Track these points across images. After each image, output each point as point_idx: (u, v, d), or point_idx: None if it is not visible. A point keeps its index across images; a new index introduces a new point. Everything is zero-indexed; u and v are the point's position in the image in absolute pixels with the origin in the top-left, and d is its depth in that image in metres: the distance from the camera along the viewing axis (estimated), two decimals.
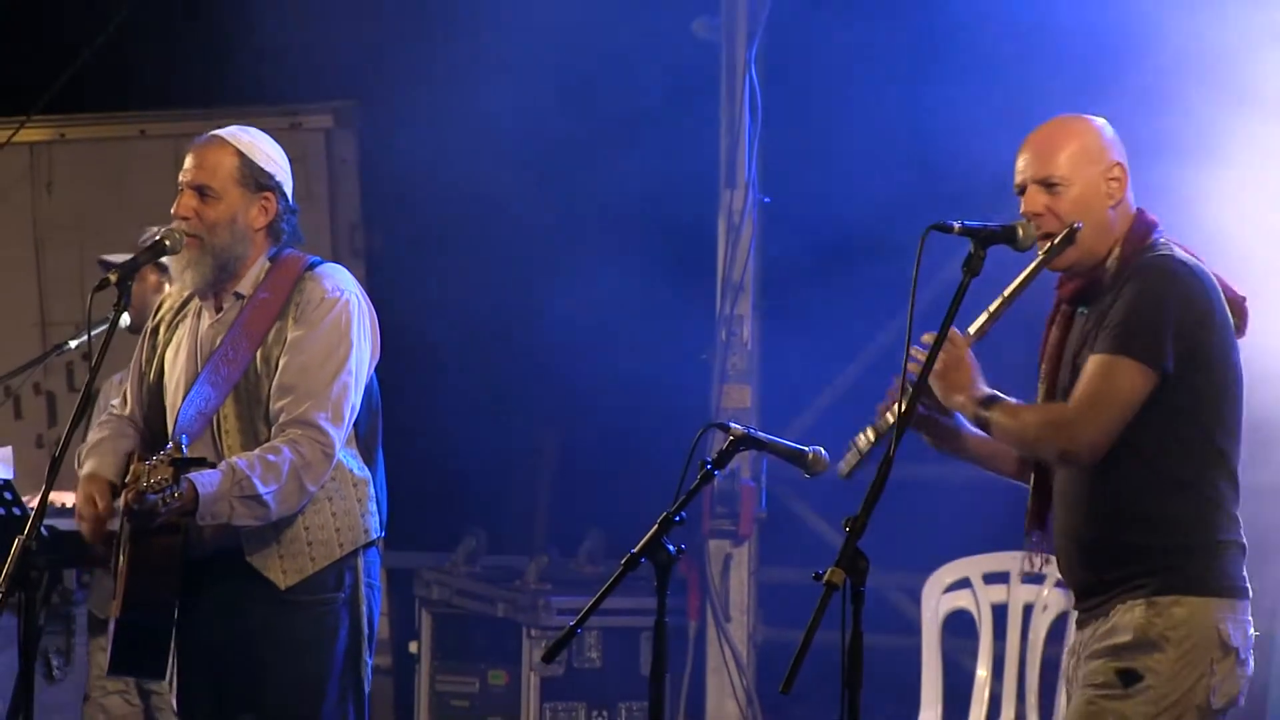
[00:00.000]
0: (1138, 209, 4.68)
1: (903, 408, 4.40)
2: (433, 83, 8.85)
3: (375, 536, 5.31)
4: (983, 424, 4.64)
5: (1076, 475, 4.64)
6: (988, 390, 4.64)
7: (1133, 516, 4.57)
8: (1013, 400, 4.64)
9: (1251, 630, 4.59)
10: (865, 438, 4.69)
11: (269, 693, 5.24)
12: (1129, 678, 4.50)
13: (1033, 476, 4.77)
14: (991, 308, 4.61)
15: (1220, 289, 4.62)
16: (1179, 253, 4.62)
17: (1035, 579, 7.00)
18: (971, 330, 4.62)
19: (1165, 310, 4.53)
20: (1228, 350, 4.60)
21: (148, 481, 4.86)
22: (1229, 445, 4.60)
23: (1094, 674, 4.56)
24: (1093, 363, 4.55)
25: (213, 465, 5.06)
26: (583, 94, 8.68)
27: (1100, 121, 4.72)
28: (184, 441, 4.96)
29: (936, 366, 4.59)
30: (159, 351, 5.40)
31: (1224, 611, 4.53)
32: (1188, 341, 4.53)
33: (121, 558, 5.18)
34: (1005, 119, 7.50)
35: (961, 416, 4.71)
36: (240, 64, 9.12)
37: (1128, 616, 4.54)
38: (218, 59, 9.15)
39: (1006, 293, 4.60)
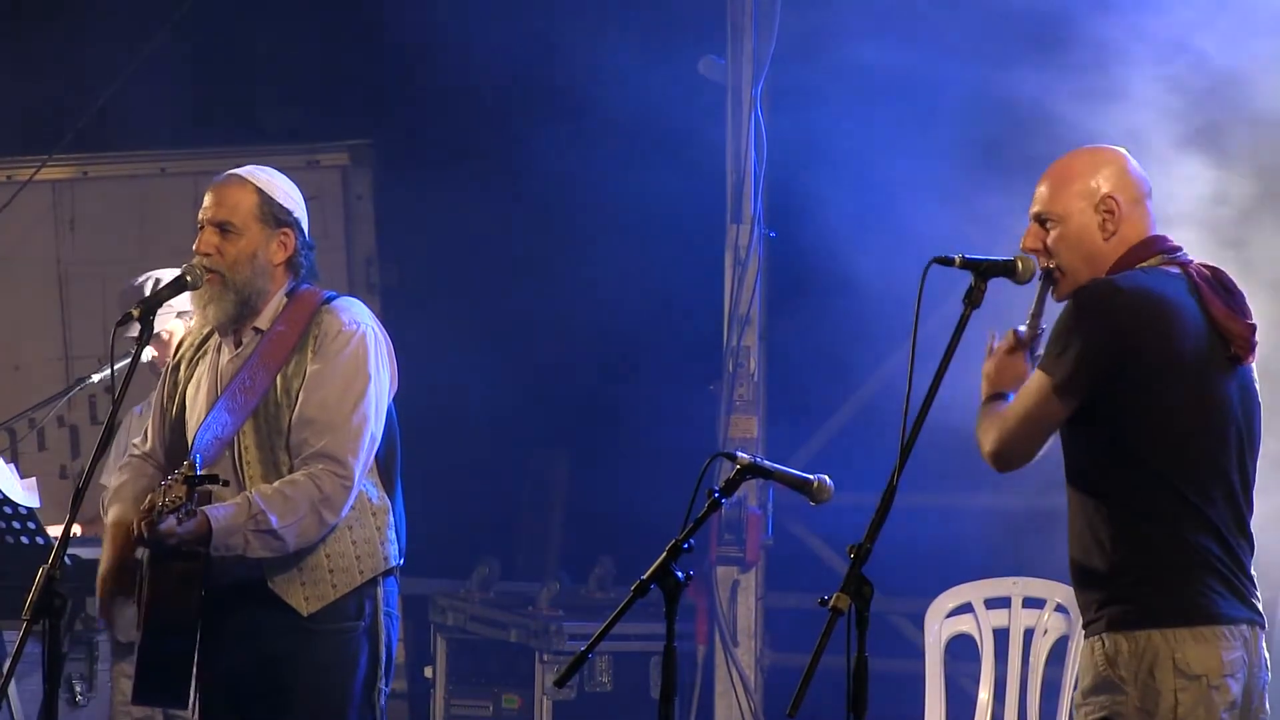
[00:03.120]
0: (1151, 235, 4.67)
1: (905, 437, 4.37)
2: (445, 122, 8.93)
3: (394, 564, 5.33)
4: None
5: (1070, 498, 4.65)
6: (1007, 393, 4.66)
7: (1095, 543, 4.55)
8: (999, 404, 4.65)
9: (1234, 654, 4.50)
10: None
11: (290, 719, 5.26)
12: None
13: None
14: (1029, 322, 4.67)
15: (1201, 314, 4.57)
16: (1127, 276, 4.57)
17: (1036, 603, 7.02)
18: (1026, 335, 4.67)
19: (1078, 330, 4.50)
20: (1175, 379, 4.53)
21: (162, 501, 4.90)
22: (1187, 476, 4.52)
23: None
24: (1030, 379, 4.60)
25: (226, 482, 5.07)
26: (591, 129, 8.74)
27: (1114, 153, 4.73)
28: (198, 462, 4.97)
29: (993, 358, 4.68)
30: (180, 388, 5.43)
31: (1182, 640, 4.48)
32: (1107, 366, 4.50)
33: (144, 585, 5.20)
34: (1011, 152, 7.62)
35: None
36: (259, 104, 9.20)
37: (1089, 656, 4.56)
38: (237, 99, 9.23)
39: (1032, 311, 4.68)
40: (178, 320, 6.63)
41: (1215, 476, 4.58)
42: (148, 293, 6.55)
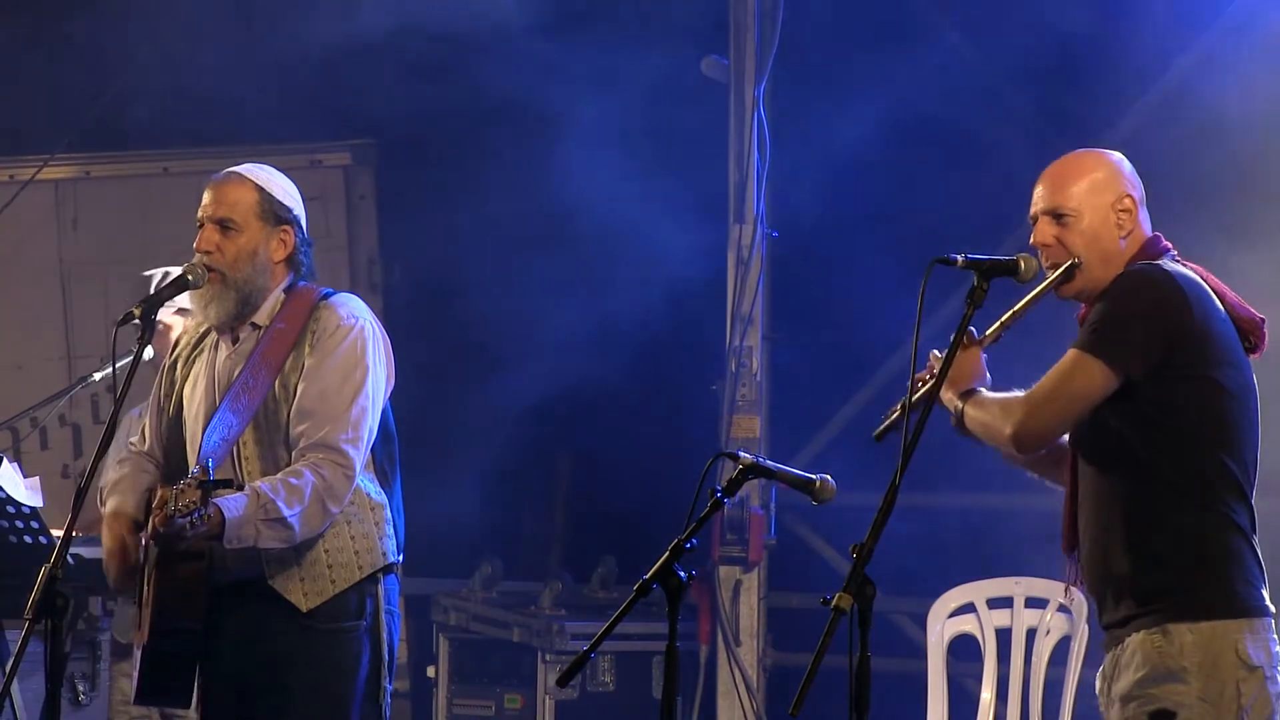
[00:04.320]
0: (1153, 235, 4.72)
1: (907, 437, 4.38)
2: (447, 122, 8.93)
3: (393, 560, 5.34)
4: (959, 417, 4.67)
5: (1096, 485, 4.64)
6: (976, 387, 4.67)
7: (1143, 532, 4.56)
8: (989, 393, 4.67)
9: (1277, 648, 4.56)
10: (896, 409, 4.72)
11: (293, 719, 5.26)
12: (1162, 718, 4.51)
13: (1066, 490, 4.76)
14: (1003, 318, 4.68)
15: (1221, 306, 4.63)
16: (1170, 265, 4.65)
17: (1038, 603, 7.02)
18: (988, 334, 4.70)
19: (1134, 312, 4.55)
20: (1219, 363, 4.59)
21: (175, 505, 4.88)
22: (1237, 461, 4.58)
23: None
24: (1063, 358, 4.60)
25: (239, 488, 5.09)
26: (593, 129, 8.75)
27: (1116, 155, 4.78)
28: (210, 465, 4.98)
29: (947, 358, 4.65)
30: (177, 386, 5.43)
31: (1241, 632, 4.52)
32: (1162, 348, 4.54)
33: (147, 586, 5.21)
34: (1011, 152, 7.63)
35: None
36: (262, 103, 9.20)
37: (1144, 648, 4.54)
38: (240, 98, 9.23)
39: (1016, 308, 4.67)
40: (177, 316, 6.62)
41: (1253, 461, 4.64)
42: (154, 287, 6.56)
